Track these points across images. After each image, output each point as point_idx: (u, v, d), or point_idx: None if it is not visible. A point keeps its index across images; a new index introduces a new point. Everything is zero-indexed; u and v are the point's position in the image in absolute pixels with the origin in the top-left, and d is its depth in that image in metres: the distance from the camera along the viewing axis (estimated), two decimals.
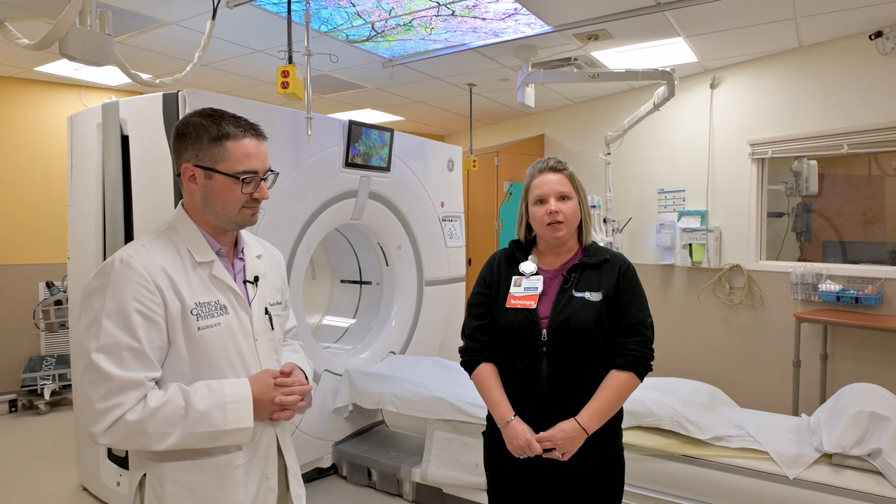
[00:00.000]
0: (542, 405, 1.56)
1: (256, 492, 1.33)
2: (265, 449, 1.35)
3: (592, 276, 1.61)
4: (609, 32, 3.66)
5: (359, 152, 3.32)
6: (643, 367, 1.57)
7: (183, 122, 1.32)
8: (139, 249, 1.25)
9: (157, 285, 1.22)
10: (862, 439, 2.15)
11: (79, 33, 1.83)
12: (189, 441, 1.20)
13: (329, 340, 3.89)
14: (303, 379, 1.39)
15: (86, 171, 2.97)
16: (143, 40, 3.77)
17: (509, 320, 1.60)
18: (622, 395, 1.56)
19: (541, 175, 1.66)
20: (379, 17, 3.43)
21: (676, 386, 2.75)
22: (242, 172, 1.29)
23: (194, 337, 1.25)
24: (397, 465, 3.06)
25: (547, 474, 1.59)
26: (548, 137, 6.01)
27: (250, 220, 1.35)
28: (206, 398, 1.22)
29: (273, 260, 1.52)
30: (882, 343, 3.76)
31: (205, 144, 1.28)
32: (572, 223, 1.63)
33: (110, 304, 1.18)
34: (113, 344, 1.17)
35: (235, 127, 1.30)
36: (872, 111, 3.79)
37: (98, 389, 1.16)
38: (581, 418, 1.52)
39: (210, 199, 1.30)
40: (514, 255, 1.70)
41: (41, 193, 4.79)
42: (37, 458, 3.59)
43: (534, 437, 1.54)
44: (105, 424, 1.16)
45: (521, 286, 1.63)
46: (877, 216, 4.72)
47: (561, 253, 1.68)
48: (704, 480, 2.33)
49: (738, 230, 4.51)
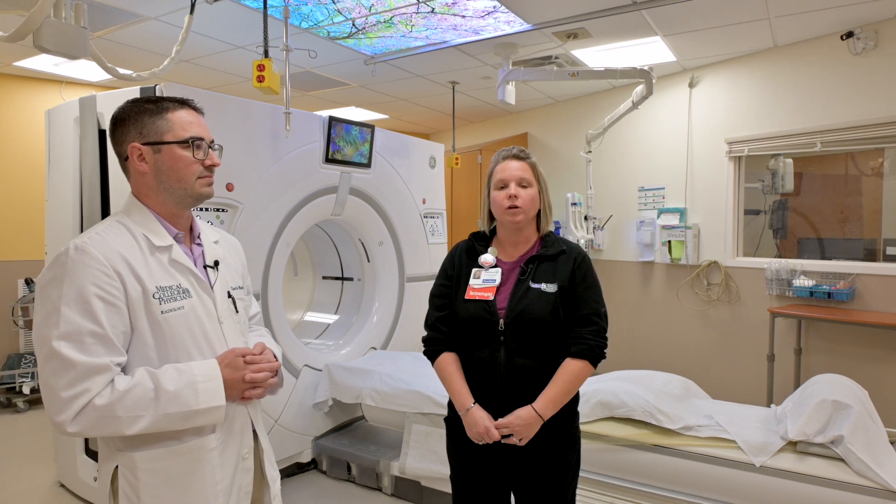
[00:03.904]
0: (500, 392, 1.61)
1: (233, 473, 1.33)
2: (240, 429, 1.35)
3: (549, 268, 1.65)
4: (588, 31, 3.71)
5: (339, 148, 3.33)
6: (596, 355, 1.62)
7: (119, 110, 1.32)
8: (93, 236, 1.23)
9: (116, 270, 1.20)
10: (825, 427, 2.21)
11: (53, 26, 1.84)
12: (161, 423, 1.19)
13: (311, 336, 3.90)
14: (272, 357, 1.39)
15: (63, 166, 2.96)
16: (123, 35, 3.76)
17: (468, 311, 1.65)
18: (576, 382, 1.62)
19: (504, 161, 1.72)
20: (359, 13, 3.46)
21: (650, 378, 2.79)
22: (191, 137, 1.31)
23: (158, 321, 1.24)
24: (376, 460, 3.08)
25: (506, 459, 1.65)
26: (531, 136, 6.06)
27: (207, 190, 1.35)
28: (175, 379, 1.21)
29: (231, 246, 1.53)
30: (853, 336, 3.85)
31: (146, 121, 1.29)
32: (530, 210, 1.68)
33: (68, 291, 1.15)
34: (74, 330, 1.14)
35: (171, 102, 1.33)
36: (845, 110, 3.87)
37: (62, 377, 1.13)
38: (537, 405, 1.58)
39: (163, 174, 1.30)
40: (475, 247, 1.75)
41: (21, 189, 4.75)
42: (15, 455, 3.57)
43: (492, 424, 1.59)
44: (72, 412, 1.13)
45: (480, 278, 1.68)
46: (853, 214, 4.82)
47: (519, 243, 1.72)
48: (674, 469, 2.38)
49: (716, 227, 4.59)
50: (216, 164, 1.35)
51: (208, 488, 1.28)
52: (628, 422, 2.54)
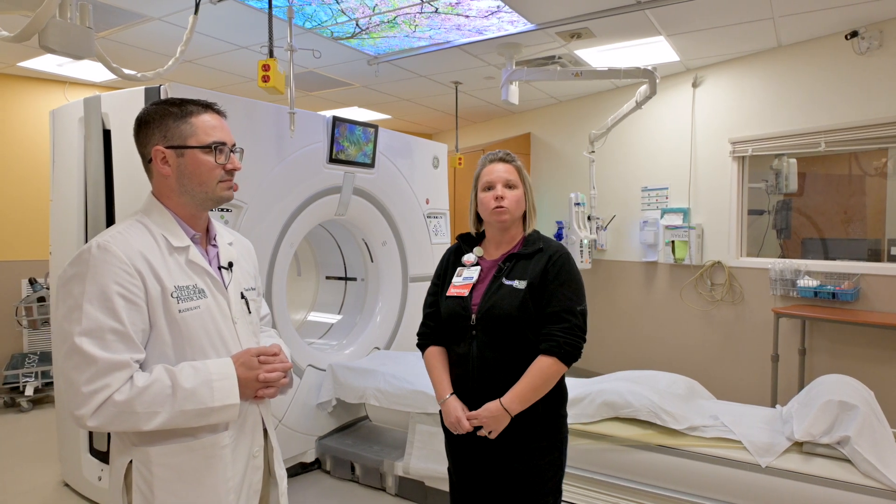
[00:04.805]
0: (472, 385, 1.68)
1: (244, 470, 1.36)
2: (251, 427, 1.38)
3: (524, 265, 1.70)
4: (591, 31, 3.71)
5: (342, 148, 3.33)
6: (566, 353, 1.62)
7: (143, 112, 1.34)
8: (115, 235, 1.26)
9: (137, 269, 1.23)
10: (831, 428, 2.20)
11: (59, 26, 1.84)
12: (178, 420, 1.22)
13: (314, 336, 3.90)
14: (285, 358, 1.42)
15: (68, 166, 2.96)
16: (127, 36, 3.77)
17: (447, 307, 1.74)
18: (545, 379, 1.63)
19: (490, 164, 1.78)
20: (363, 13, 3.46)
21: (655, 378, 2.79)
22: (213, 143, 1.33)
23: (175, 319, 1.26)
24: (380, 460, 3.08)
25: (483, 450, 1.69)
26: (534, 136, 6.05)
27: (227, 194, 1.39)
28: (192, 377, 1.23)
29: (244, 248, 1.56)
30: (858, 337, 3.84)
31: (171, 125, 1.32)
32: (516, 210, 1.74)
33: (91, 288, 1.18)
34: (96, 327, 1.17)
35: (195, 105, 1.35)
36: (849, 110, 3.86)
37: (83, 372, 1.16)
38: (504, 400, 1.62)
39: (185, 178, 1.33)
40: (461, 248, 1.84)
41: (24, 190, 4.76)
42: (18, 454, 3.58)
43: (464, 415, 1.66)
44: (92, 407, 1.15)
45: (461, 276, 1.76)
46: (857, 214, 4.81)
47: (503, 243, 1.78)
48: (679, 470, 2.37)
49: (719, 227, 4.58)
50: (237, 168, 1.39)
51: (220, 485, 1.30)
52: (633, 422, 2.54)
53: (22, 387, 4.39)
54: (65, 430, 3.03)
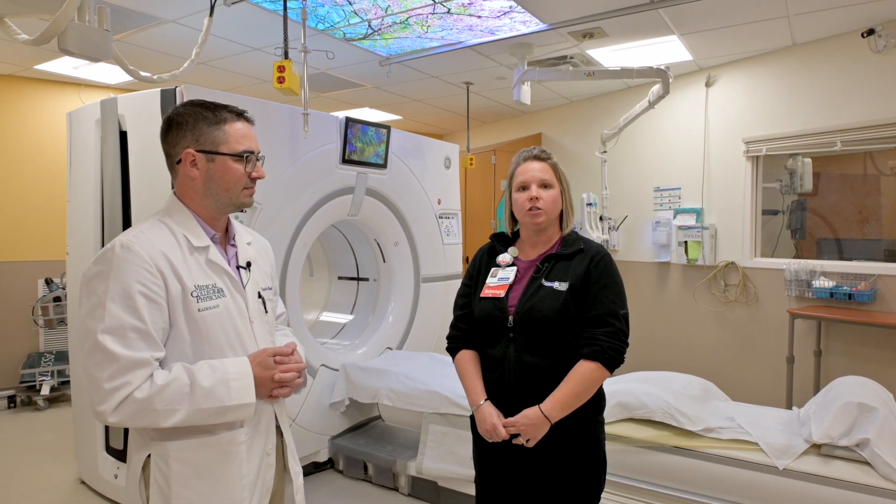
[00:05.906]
0: (509, 390, 1.59)
1: (258, 467, 1.38)
2: (265, 426, 1.40)
3: (564, 266, 1.62)
4: (604, 31, 3.69)
5: (355, 149, 3.35)
6: (610, 358, 1.55)
7: (176, 112, 1.36)
8: (138, 235, 1.29)
9: (159, 268, 1.25)
10: (850, 430, 2.17)
11: (77, 29, 1.86)
12: (195, 417, 1.24)
13: (326, 336, 3.91)
14: (300, 358, 1.44)
15: (84, 168, 3.00)
16: (142, 38, 3.80)
17: (482, 309, 1.66)
18: (588, 385, 1.55)
19: (525, 163, 1.70)
20: (375, 14, 3.46)
21: (669, 379, 2.77)
22: (244, 152, 1.36)
23: (195, 318, 1.29)
24: (393, 459, 3.08)
25: (518, 460, 1.61)
26: (545, 136, 6.04)
27: (249, 200, 1.41)
28: (209, 375, 1.26)
29: (262, 248, 1.57)
30: (875, 339, 3.79)
31: (204, 130, 1.33)
32: (552, 211, 1.67)
33: (114, 286, 1.20)
34: (118, 325, 1.19)
35: (229, 112, 1.37)
36: (865, 108, 3.82)
37: (106, 370, 1.18)
38: (544, 406, 1.53)
39: (212, 182, 1.35)
40: (496, 248, 1.76)
41: (40, 191, 4.82)
42: (35, 452, 3.62)
43: (500, 422, 1.56)
44: (114, 403, 1.18)
45: (496, 276, 1.69)
46: (872, 214, 4.75)
47: (539, 244, 1.71)
48: (695, 471, 2.36)
49: (733, 228, 4.54)
50: (261, 176, 1.41)
51: (235, 480, 1.32)
52: (648, 423, 2.52)
53: (38, 385, 4.44)
54: (81, 428, 3.07)
